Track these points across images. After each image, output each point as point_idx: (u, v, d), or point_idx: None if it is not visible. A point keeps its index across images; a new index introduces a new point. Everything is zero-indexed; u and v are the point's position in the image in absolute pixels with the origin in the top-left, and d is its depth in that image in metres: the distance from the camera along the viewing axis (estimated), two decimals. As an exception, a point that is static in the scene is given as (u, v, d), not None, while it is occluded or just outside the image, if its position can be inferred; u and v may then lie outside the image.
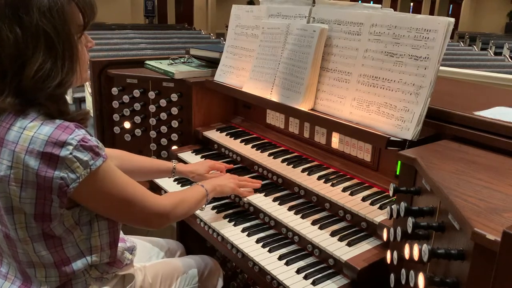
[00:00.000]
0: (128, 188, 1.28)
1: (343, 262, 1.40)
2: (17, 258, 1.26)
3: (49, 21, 1.11)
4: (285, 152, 2.02)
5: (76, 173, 1.13)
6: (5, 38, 1.10)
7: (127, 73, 2.38)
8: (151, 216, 1.36)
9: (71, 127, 1.13)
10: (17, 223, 1.18)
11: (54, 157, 1.10)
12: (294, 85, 1.86)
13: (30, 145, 1.10)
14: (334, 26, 1.79)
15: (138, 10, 21.31)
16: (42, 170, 1.11)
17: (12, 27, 1.10)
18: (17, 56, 1.11)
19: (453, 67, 5.16)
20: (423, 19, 1.50)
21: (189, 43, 8.72)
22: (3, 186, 1.14)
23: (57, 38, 1.12)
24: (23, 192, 1.13)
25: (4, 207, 1.17)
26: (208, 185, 1.66)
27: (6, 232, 1.23)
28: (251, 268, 1.57)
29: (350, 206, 1.57)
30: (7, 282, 1.29)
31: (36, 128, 1.12)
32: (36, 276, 1.26)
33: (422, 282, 1.01)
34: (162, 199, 1.43)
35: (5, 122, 1.15)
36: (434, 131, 1.51)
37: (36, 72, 1.10)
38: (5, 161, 1.13)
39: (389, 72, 1.58)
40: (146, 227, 1.46)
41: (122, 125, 2.42)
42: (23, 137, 1.11)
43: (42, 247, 1.22)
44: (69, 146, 1.11)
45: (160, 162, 1.93)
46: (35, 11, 1.10)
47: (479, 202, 0.96)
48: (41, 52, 1.11)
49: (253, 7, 2.26)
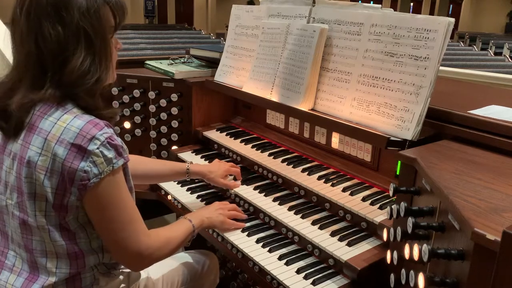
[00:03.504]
0: (126, 209, 1.25)
1: (343, 262, 1.40)
2: (30, 247, 1.27)
3: (88, 21, 1.18)
4: (285, 152, 2.02)
5: (99, 169, 1.17)
6: (48, 36, 1.16)
7: (127, 73, 2.38)
8: (133, 253, 1.28)
9: (101, 124, 1.19)
10: (38, 210, 1.22)
11: (82, 149, 1.15)
12: (294, 85, 1.86)
13: (62, 135, 1.16)
14: (334, 26, 1.79)
15: (138, 10, 21.31)
16: (69, 161, 1.15)
17: (54, 25, 1.16)
18: (59, 53, 1.17)
19: (453, 67, 5.16)
20: (423, 19, 1.50)
21: (189, 43, 8.72)
22: (30, 171, 1.19)
23: (95, 36, 1.20)
24: (46, 180, 1.17)
25: (28, 192, 1.21)
26: (195, 219, 1.57)
27: (23, 219, 1.25)
28: (251, 268, 1.57)
29: (350, 206, 1.57)
30: (13, 275, 1.29)
31: (70, 120, 1.17)
32: (47, 266, 1.27)
33: (422, 282, 1.01)
34: (149, 237, 1.33)
35: (40, 111, 1.20)
36: (434, 131, 1.51)
37: (78, 68, 1.17)
38: (35, 147, 1.18)
39: (389, 72, 1.58)
40: (123, 263, 1.38)
41: (122, 125, 2.42)
42: (56, 127, 1.17)
43: (58, 236, 1.25)
44: (97, 141, 1.16)
45: (174, 164, 1.94)
46: (75, 11, 1.16)
47: (479, 202, 0.96)
48: (81, 50, 1.18)
49: (253, 7, 2.26)
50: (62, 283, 1.29)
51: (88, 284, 1.33)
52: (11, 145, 1.24)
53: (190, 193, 2.01)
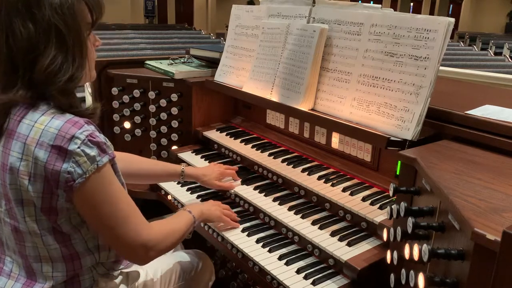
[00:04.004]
0: (120, 204, 1.23)
1: (343, 262, 1.40)
2: (24, 253, 1.26)
3: (60, 17, 1.14)
4: (285, 152, 2.02)
5: (82, 168, 1.14)
6: (18, 33, 1.13)
7: (127, 73, 2.38)
8: (137, 246, 1.27)
9: (81, 122, 1.15)
10: (27, 216, 1.20)
11: (63, 150, 1.12)
12: (294, 85, 1.86)
13: (41, 138, 1.13)
14: (334, 26, 1.79)
15: (138, 10, 21.31)
16: (51, 163, 1.13)
17: (25, 22, 1.13)
18: (29, 51, 1.14)
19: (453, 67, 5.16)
20: (423, 19, 1.50)
21: (189, 43, 8.73)
22: (14, 178, 1.17)
23: (67, 33, 1.16)
24: (31, 185, 1.15)
25: (15, 199, 1.19)
26: (195, 210, 1.57)
27: (15, 226, 1.24)
28: (251, 268, 1.57)
29: (350, 206, 1.57)
30: (10, 280, 1.29)
31: (47, 121, 1.14)
32: (43, 272, 1.26)
33: (422, 282, 1.01)
34: (151, 228, 1.32)
35: (16, 115, 1.18)
36: (434, 131, 1.51)
37: (48, 66, 1.13)
38: (15, 153, 1.16)
39: (389, 72, 1.58)
40: (129, 258, 1.37)
41: (122, 125, 2.42)
42: (34, 130, 1.14)
43: (52, 240, 1.23)
44: (77, 140, 1.13)
45: (168, 165, 1.92)
46: (47, 7, 1.13)
47: (479, 202, 0.96)
48: (52, 47, 1.15)
49: (253, 7, 2.26)
50: (61, 287, 1.28)
51: (87, 286, 1.33)
52: None
53: (190, 193, 2.01)
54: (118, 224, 1.23)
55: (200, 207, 1.64)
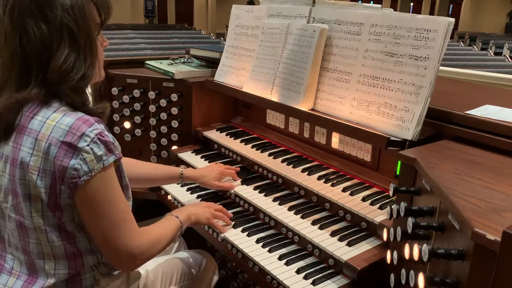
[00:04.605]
0: (119, 206, 1.24)
1: (343, 262, 1.40)
2: (27, 249, 1.27)
3: (72, 18, 1.18)
4: (285, 152, 2.02)
5: (89, 166, 1.16)
6: (32, 33, 1.16)
7: (127, 73, 2.38)
8: (125, 251, 1.26)
9: (91, 121, 1.18)
10: (34, 211, 1.21)
11: (72, 146, 1.14)
12: (294, 85, 1.86)
13: (52, 134, 1.15)
14: (334, 26, 1.79)
15: (138, 10, 21.31)
16: (59, 159, 1.15)
17: (37, 23, 1.16)
18: (42, 50, 1.17)
19: (453, 67, 5.16)
20: (423, 19, 1.50)
21: (189, 43, 8.73)
22: (24, 173, 1.18)
23: (79, 33, 1.19)
24: (39, 180, 1.17)
25: (23, 194, 1.20)
26: (182, 215, 1.57)
27: (20, 221, 1.24)
28: (251, 268, 1.57)
29: (350, 206, 1.57)
30: (12, 278, 1.29)
31: (59, 118, 1.17)
32: (45, 269, 1.27)
33: (422, 282, 1.01)
34: (141, 236, 1.32)
35: (29, 111, 1.20)
36: (434, 131, 1.51)
37: (61, 65, 1.17)
38: (26, 148, 1.18)
39: (389, 72, 1.58)
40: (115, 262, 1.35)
41: (122, 125, 2.42)
42: (46, 126, 1.16)
43: (56, 237, 1.24)
44: (87, 138, 1.15)
45: (167, 168, 1.92)
46: (58, 8, 1.16)
47: (479, 202, 0.96)
48: (65, 47, 1.18)
49: (253, 7, 2.26)
50: (62, 284, 1.29)
51: (88, 285, 1.33)
52: (2, 148, 1.24)
53: (190, 193, 2.01)
54: (113, 226, 1.24)
55: (187, 211, 1.62)
